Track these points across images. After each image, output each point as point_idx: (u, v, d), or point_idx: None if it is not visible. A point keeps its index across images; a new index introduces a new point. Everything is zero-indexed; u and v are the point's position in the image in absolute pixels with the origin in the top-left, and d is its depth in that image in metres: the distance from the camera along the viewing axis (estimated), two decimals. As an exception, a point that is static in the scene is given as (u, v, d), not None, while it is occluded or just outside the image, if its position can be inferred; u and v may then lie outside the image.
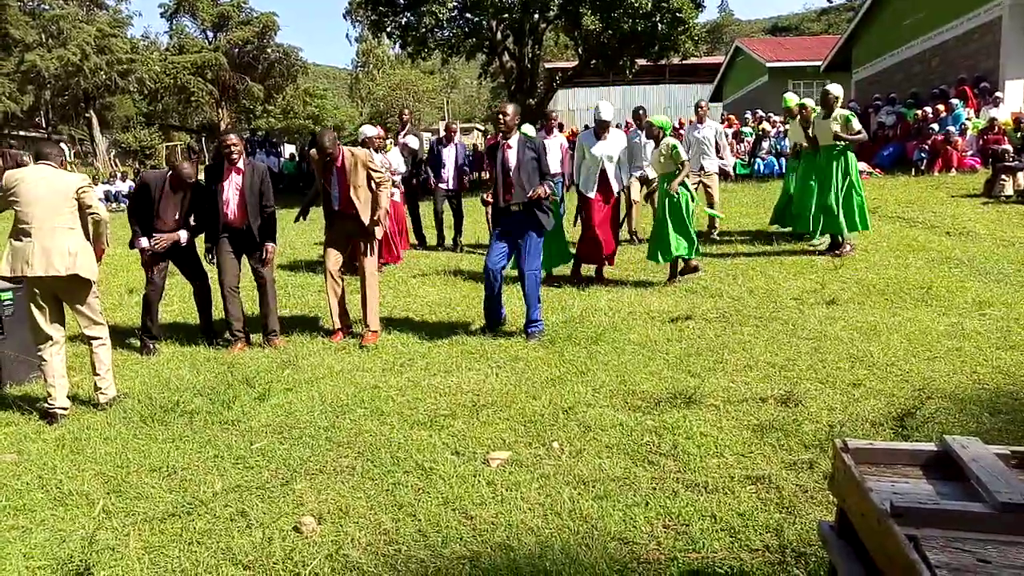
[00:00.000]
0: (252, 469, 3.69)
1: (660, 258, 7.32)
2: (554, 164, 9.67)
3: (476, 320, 6.19)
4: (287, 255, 10.11)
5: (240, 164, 5.85)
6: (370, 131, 9.24)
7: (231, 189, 5.85)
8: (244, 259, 6.06)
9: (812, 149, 8.05)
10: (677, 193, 7.13)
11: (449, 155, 10.09)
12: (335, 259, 6.02)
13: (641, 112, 9.81)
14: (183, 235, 5.94)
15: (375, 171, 5.88)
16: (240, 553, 2.91)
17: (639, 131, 9.60)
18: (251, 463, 3.75)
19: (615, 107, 11.94)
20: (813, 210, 7.99)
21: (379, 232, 6.03)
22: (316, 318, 6.75)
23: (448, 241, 10.46)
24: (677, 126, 17.10)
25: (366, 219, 5.87)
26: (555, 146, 9.79)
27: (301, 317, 6.81)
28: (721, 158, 9.99)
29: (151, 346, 6.00)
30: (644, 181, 9.27)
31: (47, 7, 38.34)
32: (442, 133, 10.63)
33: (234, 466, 3.73)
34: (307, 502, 3.30)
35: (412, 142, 10.24)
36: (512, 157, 5.76)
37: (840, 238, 8.00)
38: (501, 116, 5.79)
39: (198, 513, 3.26)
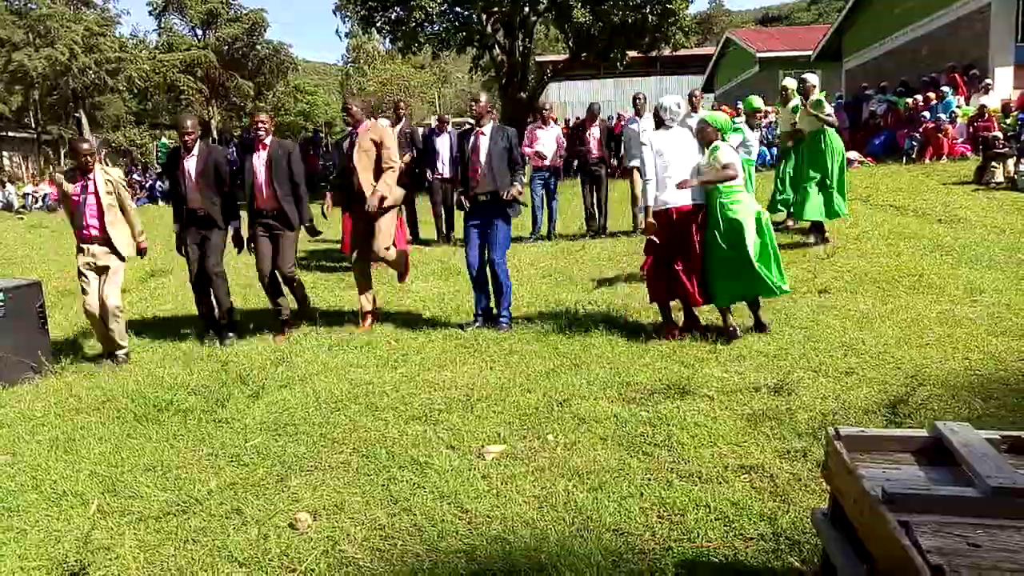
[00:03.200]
0: (247, 466, 3.68)
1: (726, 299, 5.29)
2: (550, 155, 9.67)
3: (469, 314, 6.19)
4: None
5: (267, 141, 5.93)
6: None
7: (259, 167, 5.91)
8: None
9: (795, 138, 8.12)
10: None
11: (443, 144, 10.07)
12: (363, 250, 6.05)
13: (640, 99, 9.73)
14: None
15: (387, 148, 5.87)
16: (236, 550, 2.91)
17: (636, 119, 9.59)
18: (246, 460, 3.74)
19: (607, 99, 11.91)
20: (804, 195, 8.04)
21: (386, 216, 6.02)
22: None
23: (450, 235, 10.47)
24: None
25: (370, 194, 5.88)
26: (550, 137, 9.77)
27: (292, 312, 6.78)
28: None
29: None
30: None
31: (34, 6, 37.99)
32: (434, 124, 10.60)
33: (229, 464, 3.72)
34: (302, 498, 3.30)
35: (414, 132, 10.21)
36: (484, 144, 5.78)
37: (823, 226, 8.03)
38: (474, 103, 5.87)
39: (193, 511, 3.26)
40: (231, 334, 6.07)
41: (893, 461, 2.14)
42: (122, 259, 5.72)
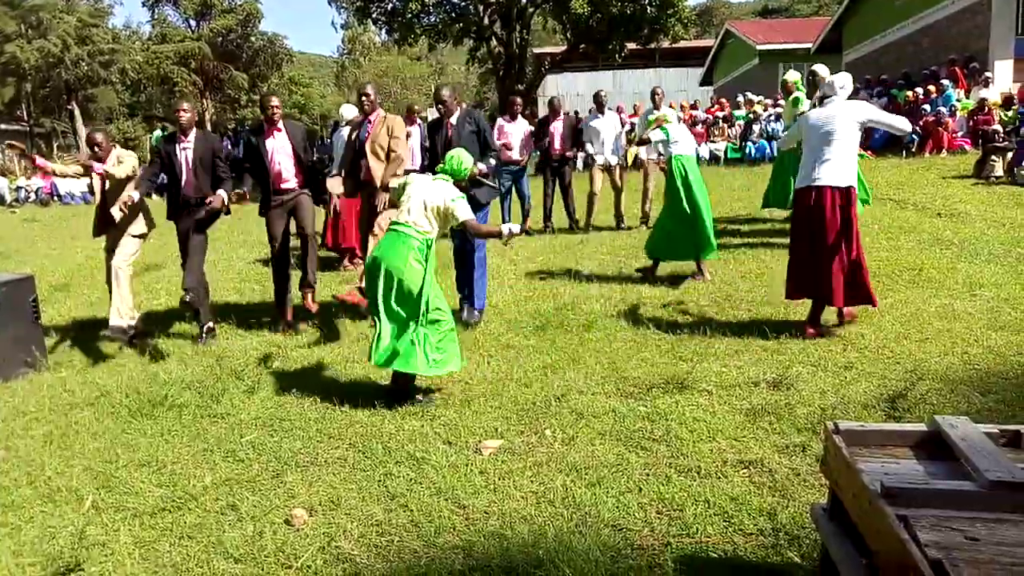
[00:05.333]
0: (242, 462, 3.66)
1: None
2: (516, 150, 9.59)
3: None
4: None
5: (280, 124, 5.93)
6: (350, 112, 8.95)
7: (276, 149, 5.90)
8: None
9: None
10: None
11: (415, 136, 9.97)
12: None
13: (602, 95, 9.82)
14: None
15: (397, 139, 5.85)
16: (231, 546, 2.90)
17: (598, 114, 9.63)
18: (241, 456, 3.73)
19: (609, 91, 11.89)
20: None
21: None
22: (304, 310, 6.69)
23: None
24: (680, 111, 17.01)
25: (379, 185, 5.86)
26: (518, 131, 9.65)
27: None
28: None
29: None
30: (606, 168, 9.39)
31: (26, -3, 37.77)
32: (431, 117, 10.50)
33: (224, 459, 3.70)
34: (298, 494, 3.28)
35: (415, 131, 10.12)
36: (452, 133, 5.82)
37: None
38: (440, 104, 5.90)
39: (188, 507, 3.24)
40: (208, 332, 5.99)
41: (892, 455, 2.13)
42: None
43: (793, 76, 8.77)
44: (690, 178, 6.59)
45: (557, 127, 9.96)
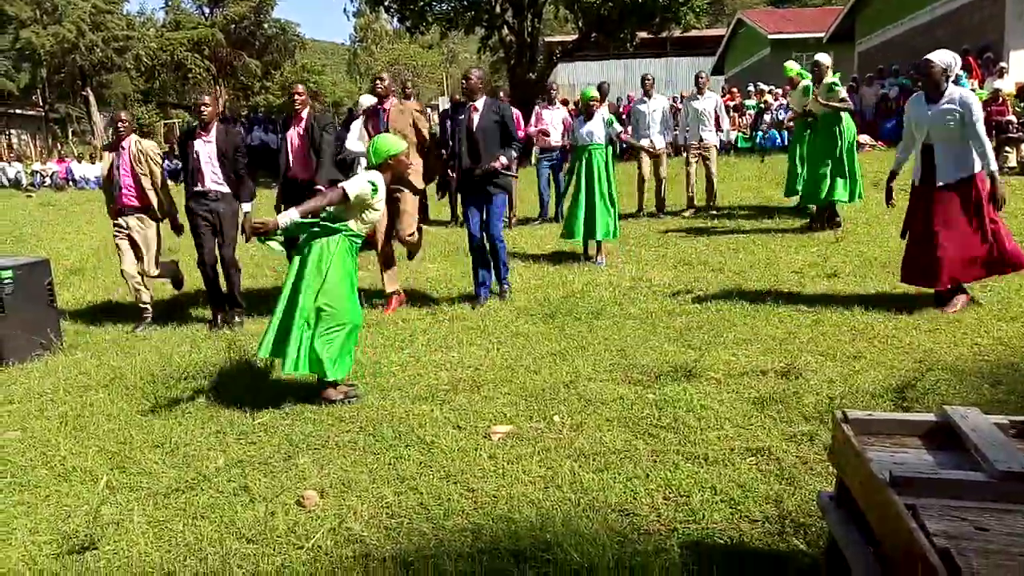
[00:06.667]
0: (254, 444, 3.71)
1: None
2: (556, 135, 9.61)
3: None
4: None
5: (303, 114, 6.00)
6: (368, 101, 8.99)
7: (294, 138, 6.00)
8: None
9: (802, 118, 8.09)
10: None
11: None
12: (387, 230, 6.07)
13: (649, 80, 9.71)
14: None
15: (425, 126, 5.90)
16: (244, 527, 2.94)
17: (645, 99, 9.56)
18: (254, 438, 3.77)
19: (616, 81, 11.81)
20: (808, 178, 8.00)
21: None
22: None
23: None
24: (677, 98, 16.98)
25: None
26: (557, 118, 9.71)
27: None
28: (721, 130, 9.90)
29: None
30: (650, 151, 9.21)
31: (41, -18, 37.91)
32: (444, 107, 10.55)
33: (237, 441, 3.75)
34: (310, 476, 3.32)
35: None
36: (476, 120, 5.83)
37: (835, 209, 7.96)
38: (466, 80, 5.89)
39: (201, 488, 3.28)
40: (238, 315, 6.06)
41: (901, 445, 2.13)
42: (155, 223, 6.07)
43: (793, 67, 8.74)
44: None
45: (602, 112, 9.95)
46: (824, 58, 7.91)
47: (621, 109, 16.97)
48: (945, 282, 4.95)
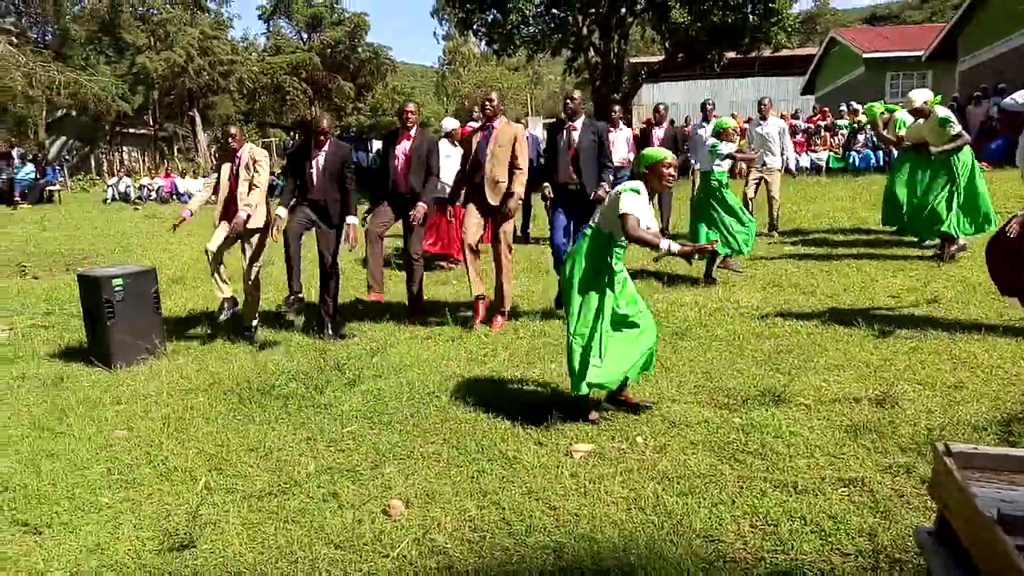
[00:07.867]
0: (343, 452, 3.82)
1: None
2: (619, 156, 9.58)
3: (559, 311, 6.20)
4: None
5: (412, 132, 6.32)
6: (451, 124, 9.27)
7: (401, 154, 6.29)
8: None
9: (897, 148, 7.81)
10: None
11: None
12: (473, 233, 6.15)
13: (710, 106, 9.96)
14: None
15: (521, 148, 6.02)
16: (332, 533, 3.03)
17: (704, 123, 9.55)
18: (343, 446, 3.89)
19: (698, 100, 11.77)
20: (916, 210, 7.53)
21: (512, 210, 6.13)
22: (403, 306, 6.89)
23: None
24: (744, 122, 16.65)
25: (493, 200, 6.03)
26: (620, 139, 9.67)
27: (388, 305, 6.97)
28: (783, 155, 9.71)
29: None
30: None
31: (155, 11, 40.45)
32: (530, 129, 10.71)
33: (327, 448, 3.87)
34: (395, 486, 3.40)
35: (537, 131, 10.37)
36: (576, 138, 6.16)
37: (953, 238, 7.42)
38: (569, 100, 6.30)
39: (293, 492, 3.41)
40: (332, 328, 6.20)
41: (1008, 481, 2.02)
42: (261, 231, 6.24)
43: (877, 107, 8.54)
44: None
45: (657, 134, 9.97)
46: (917, 95, 7.38)
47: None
48: None
